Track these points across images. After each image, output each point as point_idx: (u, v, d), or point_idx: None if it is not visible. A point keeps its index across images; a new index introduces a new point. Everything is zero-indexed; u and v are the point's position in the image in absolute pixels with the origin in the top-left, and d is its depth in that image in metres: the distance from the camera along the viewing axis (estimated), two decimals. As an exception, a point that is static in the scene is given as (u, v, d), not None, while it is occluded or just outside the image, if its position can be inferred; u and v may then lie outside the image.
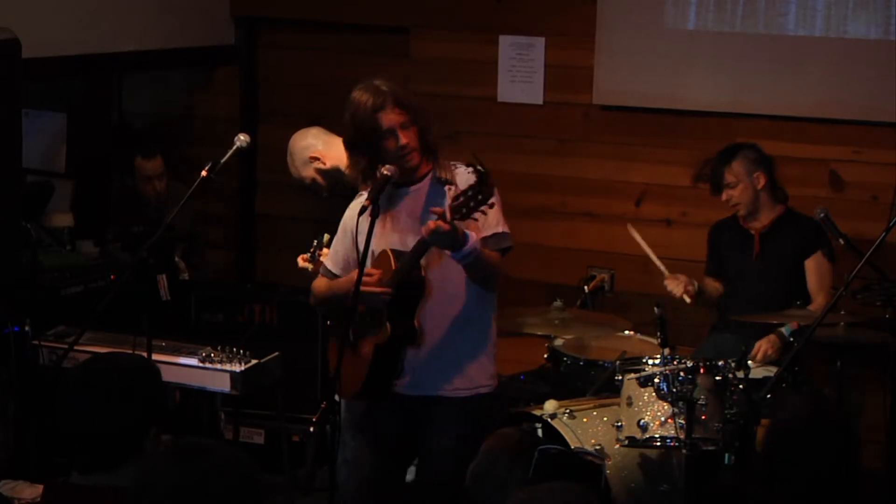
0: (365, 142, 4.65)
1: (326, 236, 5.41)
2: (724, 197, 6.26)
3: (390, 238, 4.72)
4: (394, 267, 4.61)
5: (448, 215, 4.38)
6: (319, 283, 4.96)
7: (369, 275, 4.55)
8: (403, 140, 4.59)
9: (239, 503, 2.83)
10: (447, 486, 4.69)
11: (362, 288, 4.49)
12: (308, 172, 5.84)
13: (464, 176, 4.69)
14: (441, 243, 4.51)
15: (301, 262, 5.61)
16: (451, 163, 4.79)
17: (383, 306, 4.62)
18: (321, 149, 5.81)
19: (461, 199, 4.39)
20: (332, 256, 4.95)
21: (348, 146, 4.76)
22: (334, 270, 4.91)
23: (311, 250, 5.61)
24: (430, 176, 4.75)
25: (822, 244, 6.19)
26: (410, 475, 5.20)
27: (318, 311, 5.51)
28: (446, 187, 4.68)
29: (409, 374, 4.74)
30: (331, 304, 4.92)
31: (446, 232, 4.40)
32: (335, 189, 5.76)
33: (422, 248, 4.56)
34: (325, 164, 5.78)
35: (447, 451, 4.73)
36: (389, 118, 4.58)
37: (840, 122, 6.71)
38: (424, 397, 4.77)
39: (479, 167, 4.42)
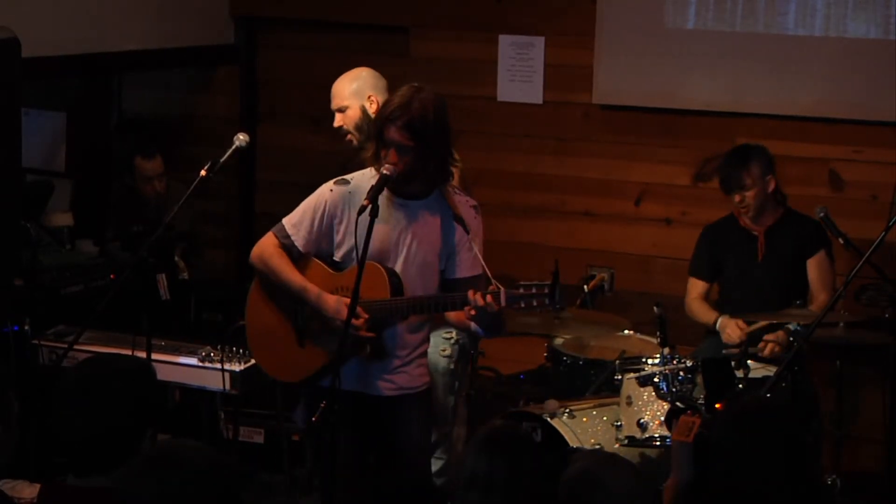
0: (375, 134, 4.70)
1: None
2: (736, 199, 6.21)
3: (378, 246, 4.67)
4: (388, 284, 4.63)
5: (503, 301, 4.39)
6: (273, 253, 4.85)
7: (357, 316, 4.54)
8: (393, 158, 4.60)
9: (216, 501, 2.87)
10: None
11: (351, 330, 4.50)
12: (355, 105, 5.59)
13: (464, 209, 4.73)
14: (481, 321, 4.55)
15: None
16: (453, 187, 4.80)
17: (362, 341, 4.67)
18: (380, 97, 5.57)
19: (522, 290, 4.40)
20: (299, 228, 4.83)
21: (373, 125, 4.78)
22: (298, 245, 4.82)
23: None
24: (434, 197, 4.74)
25: (824, 243, 6.19)
26: None
27: (253, 267, 5.14)
28: (455, 222, 4.70)
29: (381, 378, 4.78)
30: (275, 285, 4.87)
31: (494, 313, 4.45)
32: (360, 147, 5.44)
33: (420, 307, 4.64)
34: (372, 110, 5.53)
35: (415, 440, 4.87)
36: (392, 134, 4.59)
37: (840, 121, 6.70)
38: (396, 396, 4.80)
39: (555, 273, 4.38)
